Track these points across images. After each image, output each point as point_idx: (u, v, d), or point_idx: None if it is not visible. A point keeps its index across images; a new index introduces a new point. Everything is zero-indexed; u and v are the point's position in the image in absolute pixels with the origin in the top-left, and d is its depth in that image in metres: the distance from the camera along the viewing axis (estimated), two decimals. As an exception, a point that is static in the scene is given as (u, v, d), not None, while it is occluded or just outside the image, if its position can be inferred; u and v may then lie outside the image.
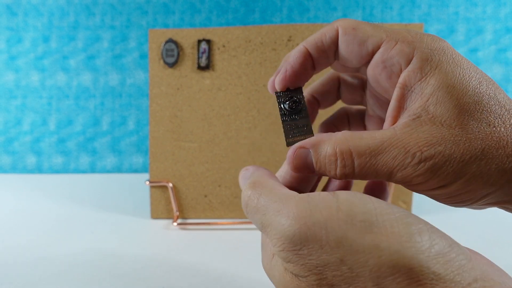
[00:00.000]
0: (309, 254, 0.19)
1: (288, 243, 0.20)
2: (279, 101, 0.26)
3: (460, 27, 0.79)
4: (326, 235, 0.19)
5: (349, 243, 0.18)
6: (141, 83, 0.82)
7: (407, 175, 0.21)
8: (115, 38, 0.82)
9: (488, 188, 0.22)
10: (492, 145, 0.21)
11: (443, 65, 0.22)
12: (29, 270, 0.42)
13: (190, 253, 0.46)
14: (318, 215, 0.19)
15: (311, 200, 0.20)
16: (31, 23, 0.81)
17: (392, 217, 0.19)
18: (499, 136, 0.22)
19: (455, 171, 0.21)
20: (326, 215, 0.19)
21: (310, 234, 0.19)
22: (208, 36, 0.55)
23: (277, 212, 0.20)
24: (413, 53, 0.23)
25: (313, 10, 0.80)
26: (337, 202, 0.20)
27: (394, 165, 0.21)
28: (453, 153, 0.21)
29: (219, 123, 0.56)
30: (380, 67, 0.24)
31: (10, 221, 0.56)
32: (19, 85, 0.82)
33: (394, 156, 0.21)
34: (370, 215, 0.19)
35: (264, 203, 0.22)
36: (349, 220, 0.19)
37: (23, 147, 0.83)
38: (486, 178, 0.22)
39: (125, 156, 0.83)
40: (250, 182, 0.23)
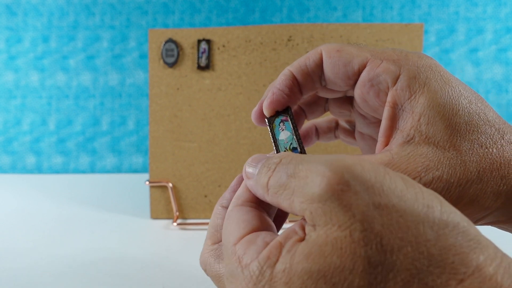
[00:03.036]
0: (355, 194, 0.16)
1: (328, 183, 0.17)
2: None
3: (461, 27, 0.79)
4: (374, 177, 0.17)
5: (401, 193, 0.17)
6: (141, 83, 0.82)
7: None
8: (115, 38, 0.81)
9: (484, 212, 0.22)
10: (486, 167, 0.22)
11: (432, 83, 0.22)
12: (29, 270, 0.42)
13: (190, 253, 0.46)
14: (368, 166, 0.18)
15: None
16: (30, 23, 0.81)
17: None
18: (492, 158, 0.22)
19: (453, 197, 0.21)
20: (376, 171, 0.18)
21: (355, 174, 0.17)
22: (208, 36, 0.55)
23: (317, 162, 0.18)
24: (400, 70, 0.23)
25: (313, 10, 0.80)
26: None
27: None
28: (450, 177, 0.21)
29: (219, 123, 0.56)
30: (367, 86, 0.24)
31: (10, 221, 0.56)
32: (18, 85, 0.82)
33: None
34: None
35: (306, 156, 0.19)
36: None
37: (22, 147, 0.83)
38: (482, 202, 0.22)
39: (125, 156, 0.83)
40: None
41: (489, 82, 0.80)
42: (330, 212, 0.16)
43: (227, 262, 0.20)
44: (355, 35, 0.54)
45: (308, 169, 0.18)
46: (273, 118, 0.25)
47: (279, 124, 0.25)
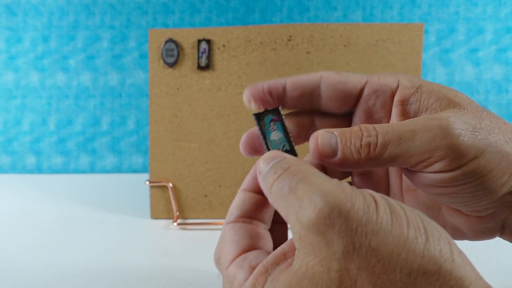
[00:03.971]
0: (339, 232, 0.17)
1: (317, 217, 0.17)
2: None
3: (461, 27, 0.79)
4: (361, 216, 0.17)
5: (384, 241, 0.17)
6: (141, 83, 0.82)
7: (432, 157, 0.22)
8: (115, 38, 0.81)
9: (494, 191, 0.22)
10: (499, 140, 0.22)
11: (425, 81, 0.25)
12: (29, 270, 0.42)
13: (190, 253, 0.46)
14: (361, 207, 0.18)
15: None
16: (30, 23, 0.81)
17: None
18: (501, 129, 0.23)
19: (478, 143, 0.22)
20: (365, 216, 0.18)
21: (344, 212, 0.17)
22: (208, 36, 0.55)
23: (323, 183, 0.19)
24: (398, 80, 0.25)
25: (313, 10, 0.80)
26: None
27: (427, 147, 0.21)
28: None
29: (219, 123, 0.56)
30: (373, 98, 0.25)
31: (10, 221, 0.56)
32: (18, 85, 0.82)
33: (429, 137, 0.21)
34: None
35: (310, 172, 0.20)
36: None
37: (22, 147, 0.83)
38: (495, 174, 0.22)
39: (125, 156, 0.83)
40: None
41: (489, 82, 0.80)
42: (315, 244, 0.17)
43: (223, 282, 0.22)
44: (355, 35, 0.54)
45: (306, 192, 0.18)
46: (262, 115, 0.25)
47: (270, 123, 0.25)
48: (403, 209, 0.18)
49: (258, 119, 0.25)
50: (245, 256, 0.21)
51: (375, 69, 0.55)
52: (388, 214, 0.17)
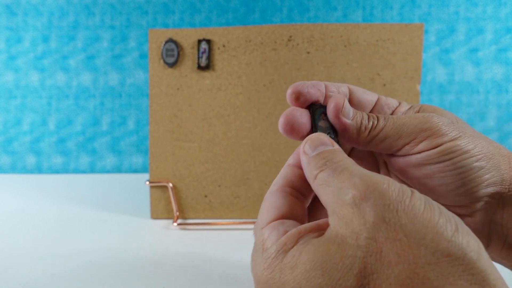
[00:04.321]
0: (373, 205, 0.18)
1: (356, 194, 0.19)
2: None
3: (461, 27, 0.79)
4: (395, 196, 0.19)
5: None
6: (141, 83, 0.82)
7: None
8: (115, 38, 0.81)
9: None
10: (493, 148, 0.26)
11: (421, 104, 0.29)
12: (29, 270, 0.42)
13: (190, 253, 0.46)
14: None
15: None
16: (30, 23, 0.81)
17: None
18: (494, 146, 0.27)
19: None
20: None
21: (379, 190, 0.19)
22: (208, 36, 0.55)
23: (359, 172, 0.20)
24: (398, 101, 0.30)
25: (313, 10, 0.80)
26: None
27: (414, 129, 0.25)
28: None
29: (219, 123, 0.56)
30: (385, 108, 0.29)
31: (10, 221, 0.56)
32: (18, 85, 0.82)
33: (415, 123, 0.25)
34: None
35: (355, 165, 0.21)
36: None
37: (22, 147, 0.83)
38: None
39: (125, 156, 0.83)
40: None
41: (489, 82, 0.80)
42: (348, 216, 0.19)
43: (255, 242, 0.23)
44: (355, 35, 0.54)
45: (348, 176, 0.20)
46: (315, 107, 0.27)
47: (321, 114, 0.26)
48: (438, 204, 0.19)
49: (312, 109, 0.27)
50: (282, 221, 0.22)
51: (375, 69, 0.55)
52: (422, 202, 0.18)
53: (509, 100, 0.80)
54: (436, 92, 0.81)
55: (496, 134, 0.81)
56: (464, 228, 0.18)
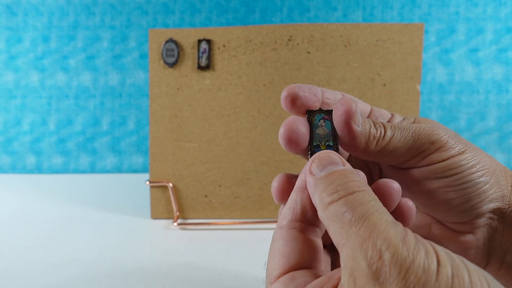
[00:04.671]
0: (397, 286, 0.17)
1: (377, 270, 0.17)
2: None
3: (461, 27, 0.79)
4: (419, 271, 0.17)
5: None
6: (141, 83, 0.82)
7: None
8: (115, 38, 0.81)
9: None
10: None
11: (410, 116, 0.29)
12: (29, 270, 0.42)
13: (190, 253, 0.46)
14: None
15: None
16: (30, 23, 0.81)
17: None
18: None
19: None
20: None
21: (401, 263, 0.17)
22: (208, 36, 0.55)
23: (389, 225, 0.18)
24: (391, 113, 0.29)
25: (313, 10, 0.80)
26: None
27: (423, 141, 0.24)
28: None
29: (219, 123, 0.56)
30: (379, 118, 0.28)
31: (10, 221, 0.56)
32: (18, 85, 0.82)
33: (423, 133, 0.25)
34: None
35: (375, 208, 0.19)
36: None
37: (22, 147, 0.83)
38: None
39: (125, 156, 0.83)
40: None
41: (489, 82, 0.80)
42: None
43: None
44: (355, 35, 0.54)
45: (370, 233, 0.18)
46: (315, 113, 0.25)
47: (320, 120, 0.25)
48: (467, 271, 0.17)
49: (309, 115, 0.25)
50: (292, 276, 0.21)
51: (375, 69, 0.55)
52: (449, 276, 0.16)
53: (509, 100, 0.80)
54: (436, 92, 0.81)
55: (496, 134, 0.81)
56: (499, 286, 0.16)
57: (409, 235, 0.18)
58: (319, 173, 0.21)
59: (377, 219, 0.18)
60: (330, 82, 0.55)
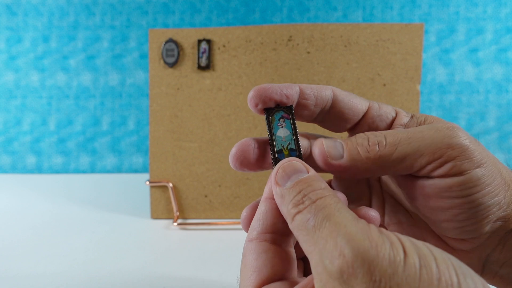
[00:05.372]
0: (362, 284, 0.17)
1: (342, 266, 0.17)
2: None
3: (461, 27, 0.79)
4: (386, 269, 0.16)
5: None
6: (141, 83, 0.82)
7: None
8: (115, 38, 0.81)
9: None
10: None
11: (417, 113, 0.26)
12: (29, 270, 0.42)
13: (190, 253, 0.46)
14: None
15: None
16: (31, 23, 0.81)
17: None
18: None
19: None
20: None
21: (369, 262, 0.17)
22: (208, 36, 0.55)
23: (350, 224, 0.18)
24: (395, 110, 0.26)
25: (313, 10, 0.80)
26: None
27: (439, 145, 0.21)
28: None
29: (219, 123, 0.56)
30: (377, 121, 0.25)
31: (10, 221, 0.56)
32: (19, 85, 0.82)
33: (439, 136, 0.22)
34: None
35: (337, 208, 0.19)
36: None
37: (23, 147, 0.83)
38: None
39: (125, 156, 0.83)
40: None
41: (489, 82, 0.80)
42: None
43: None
44: (355, 35, 0.54)
45: (331, 232, 0.18)
46: (273, 110, 0.24)
47: (279, 120, 0.24)
48: (435, 260, 0.17)
49: (268, 114, 0.24)
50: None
51: (375, 69, 0.55)
52: (416, 266, 0.16)
53: (509, 100, 0.80)
54: (436, 92, 0.81)
55: (496, 134, 0.81)
56: (466, 272, 0.16)
57: (373, 229, 0.17)
58: (284, 183, 0.21)
59: (338, 219, 0.18)
60: (330, 82, 0.55)
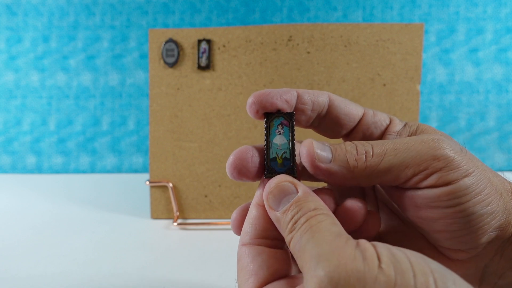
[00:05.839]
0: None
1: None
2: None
3: (461, 27, 0.79)
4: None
5: None
6: (141, 83, 0.82)
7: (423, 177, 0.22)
8: (115, 38, 0.81)
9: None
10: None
11: (410, 121, 0.27)
12: (29, 270, 0.42)
13: (190, 253, 0.46)
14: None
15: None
16: (31, 23, 0.81)
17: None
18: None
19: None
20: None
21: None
22: (208, 36, 0.55)
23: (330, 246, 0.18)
24: (389, 117, 0.26)
25: (313, 10, 0.80)
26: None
27: (424, 157, 0.21)
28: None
29: (219, 123, 0.56)
30: (371, 128, 0.26)
31: (10, 221, 0.56)
32: (19, 85, 0.82)
33: (425, 148, 0.22)
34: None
35: (319, 228, 0.19)
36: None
37: (23, 147, 0.83)
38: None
39: (125, 156, 0.83)
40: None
41: (489, 82, 0.80)
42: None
43: None
44: (355, 35, 0.54)
45: (310, 256, 0.18)
46: (273, 116, 0.24)
47: (278, 126, 0.24)
48: (412, 270, 0.17)
49: (267, 119, 0.24)
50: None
51: (375, 69, 0.55)
52: (392, 280, 0.16)
53: (509, 100, 0.80)
54: (436, 92, 0.81)
55: (496, 134, 0.81)
56: (448, 278, 0.16)
57: (349, 245, 0.18)
58: (277, 208, 0.21)
59: (318, 240, 0.18)
60: (330, 82, 0.55)
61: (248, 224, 0.23)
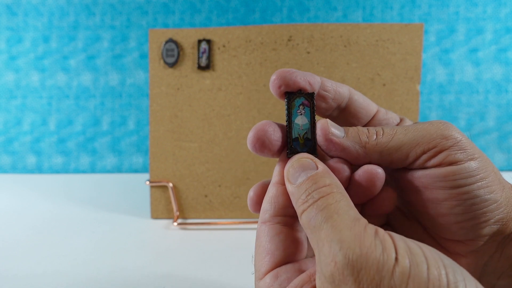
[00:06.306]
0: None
1: (335, 272, 0.18)
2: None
3: (461, 27, 0.79)
4: (375, 278, 0.17)
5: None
6: (141, 83, 0.82)
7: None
8: (115, 38, 0.81)
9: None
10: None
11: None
12: (29, 270, 0.42)
13: (190, 253, 0.46)
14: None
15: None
16: (31, 23, 0.81)
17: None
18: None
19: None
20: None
21: (360, 269, 0.17)
22: (208, 36, 0.55)
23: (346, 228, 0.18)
24: (399, 117, 0.27)
25: (313, 10, 0.80)
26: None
27: (433, 136, 0.22)
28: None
29: (219, 123, 0.56)
30: (383, 123, 0.26)
31: (10, 221, 0.56)
32: (19, 85, 0.82)
33: (433, 128, 0.23)
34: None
35: (337, 209, 0.19)
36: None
37: (23, 147, 0.83)
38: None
39: (125, 156, 0.83)
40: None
41: (489, 82, 0.80)
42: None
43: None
44: (355, 35, 0.54)
45: (327, 236, 0.18)
46: (295, 96, 0.24)
47: (299, 106, 0.24)
48: (426, 262, 0.17)
49: (288, 99, 0.24)
50: (276, 273, 0.22)
51: (375, 69, 0.55)
52: (405, 272, 0.17)
53: (509, 100, 0.80)
54: (436, 92, 0.81)
55: (496, 134, 0.81)
56: (458, 272, 0.17)
57: (368, 232, 0.18)
58: (295, 181, 0.22)
59: (336, 222, 0.19)
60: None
61: (267, 203, 0.23)
